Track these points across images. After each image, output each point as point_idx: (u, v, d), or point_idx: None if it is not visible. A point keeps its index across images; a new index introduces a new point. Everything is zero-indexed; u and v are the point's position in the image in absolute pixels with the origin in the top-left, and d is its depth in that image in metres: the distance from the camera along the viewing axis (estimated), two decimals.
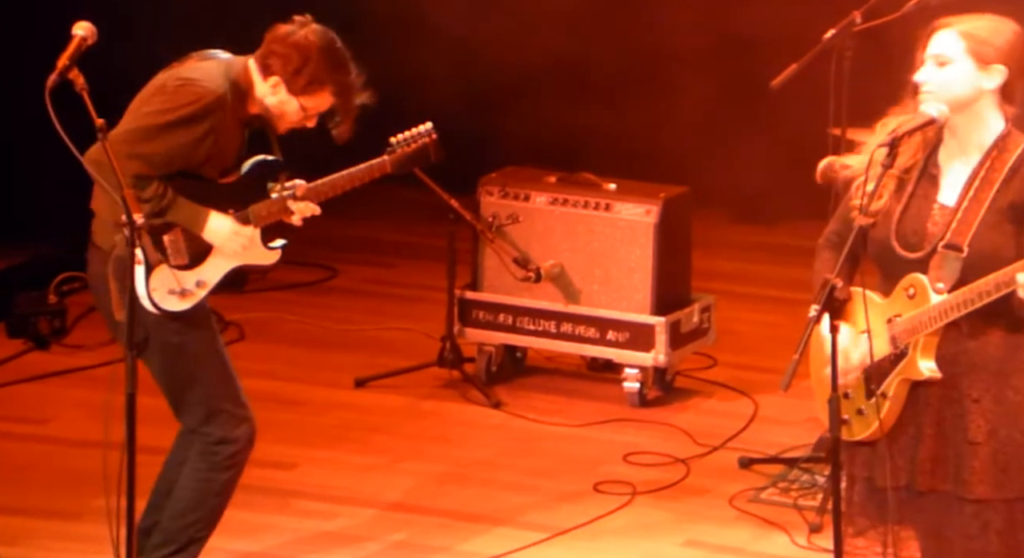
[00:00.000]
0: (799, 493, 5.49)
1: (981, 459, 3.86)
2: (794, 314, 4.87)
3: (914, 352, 3.90)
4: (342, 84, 4.63)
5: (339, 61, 4.63)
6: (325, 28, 4.66)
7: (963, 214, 3.86)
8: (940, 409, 3.90)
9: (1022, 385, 3.88)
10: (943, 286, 3.85)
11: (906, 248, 3.90)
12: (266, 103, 4.63)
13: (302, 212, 4.71)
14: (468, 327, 6.26)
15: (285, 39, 4.62)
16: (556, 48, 7.49)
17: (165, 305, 4.64)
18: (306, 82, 4.60)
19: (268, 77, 4.61)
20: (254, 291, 7.04)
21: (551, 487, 5.59)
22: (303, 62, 4.59)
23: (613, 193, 6.17)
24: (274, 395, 6.17)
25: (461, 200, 6.15)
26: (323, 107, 4.66)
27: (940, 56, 3.86)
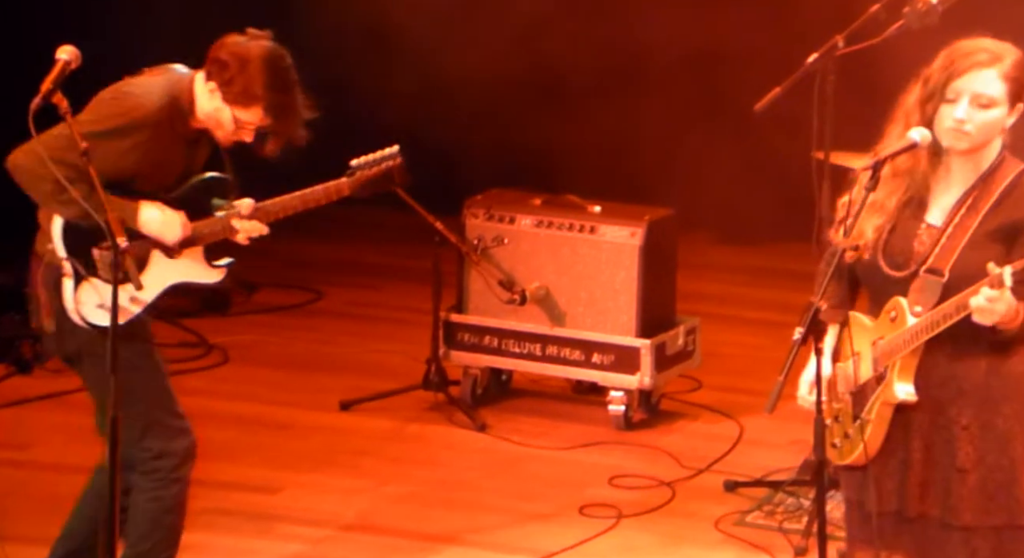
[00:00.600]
0: (784, 516, 5.48)
1: (969, 486, 3.87)
2: (779, 336, 4.87)
3: (891, 374, 3.91)
4: (276, 103, 4.48)
5: (279, 79, 4.49)
6: (278, 46, 4.54)
7: (948, 238, 3.87)
8: (929, 434, 3.91)
9: (1011, 412, 3.88)
10: (921, 309, 3.86)
11: (892, 267, 3.91)
12: (203, 109, 4.53)
13: (247, 231, 4.59)
14: (453, 350, 6.25)
15: (229, 46, 4.51)
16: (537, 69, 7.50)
17: (93, 319, 4.55)
18: (239, 92, 4.46)
19: (208, 82, 4.52)
20: (239, 314, 7.04)
21: (536, 510, 5.57)
22: (238, 71, 4.46)
23: (598, 215, 6.17)
24: (258, 418, 6.15)
25: (446, 222, 6.14)
26: (256, 122, 4.51)
27: (983, 97, 3.84)
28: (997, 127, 3.88)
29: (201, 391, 6.38)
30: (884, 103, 4.01)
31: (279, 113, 4.50)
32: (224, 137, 4.57)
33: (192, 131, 4.58)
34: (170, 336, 6.78)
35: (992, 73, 3.84)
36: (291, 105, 4.51)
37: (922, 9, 4.87)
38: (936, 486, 3.89)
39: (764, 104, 4.94)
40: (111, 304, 4.17)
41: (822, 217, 4.87)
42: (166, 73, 4.62)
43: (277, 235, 4.67)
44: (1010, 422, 3.87)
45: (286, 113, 4.51)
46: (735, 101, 5.89)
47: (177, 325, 6.85)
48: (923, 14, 4.87)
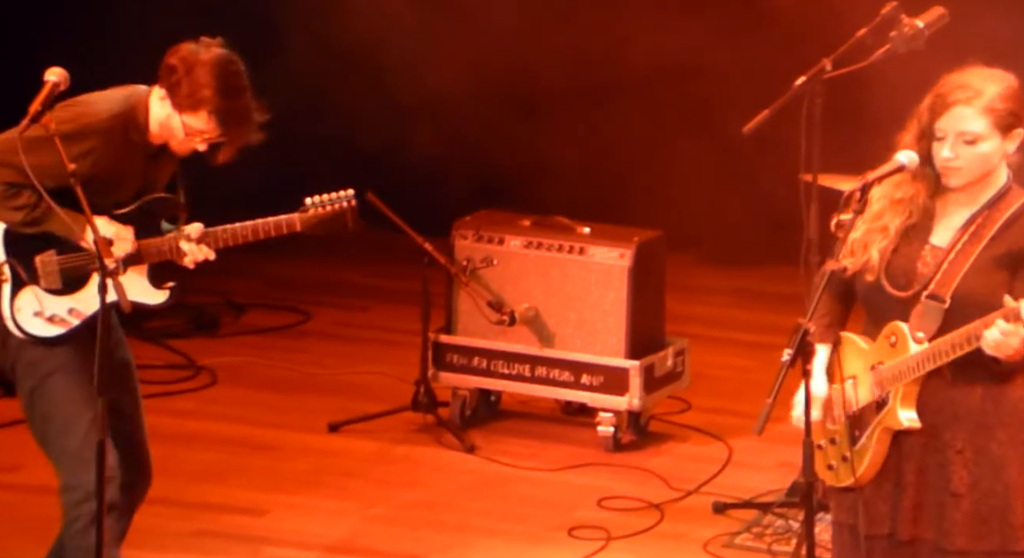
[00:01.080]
0: (773, 538, 5.48)
1: (962, 511, 3.87)
2: (767, 358, 4.87)
3: (894, 401, 3.91)
4: (222, 107, 4.40)
5: (225, 83, 4.41)
6: (229, 52, 4.47)
7: (951, 263, 3.87)
8: (923, 457, 3.91)
9: (1005, 438, 3.88)
10: (923, 336, 3.87)
11: (895, 287, 3.91)
12: (156, 118, 4.48)
13: (194, 255, 4.54)
14: (442, 371, 6.25)
15: (179, 52, 4.46)
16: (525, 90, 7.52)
17: (28, 327, 4.48)
18: (185, 95, 4.40)
19: (159, 89, 4.46)
20: (226, 335, 7.03)
21: (525, 532, 5.56)
22: (185, 74, 4.40)
23: (587, 237, 6.17)
24: (246, 440, 6.14)
25: (435, 243, 6.15)
26: (205, 128, 4.44)
27: (967, 134, 3.86)
28: (991, 159, 3.89)
29: (189, 412, 6.37)
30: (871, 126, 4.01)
31: (226, 117, 4.41)
32: (178, 147, 4.50)
33: (150, 146, 4.52)
34: (158, 357, 6.77)
35: (971, 110, 3.86)
36: (239, 110, 4.43)
37: (909, 33, 4.88)
38: (930, 510, 3.89)
39: (752, 127, 4.94)
40: (99, 327, 4.15)
41: (810, 239, 4.87)
42: (128, 88, 4.58)
43: (264, 256, 4.68)
44: (1004, 447, 3.88)
45: (234, 118, 4.42)
46: (724, 123, 5.90)
47: (165, 346, 6.84)
48: (910, 38, 4.89)
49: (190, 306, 7.07)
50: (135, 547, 5.07)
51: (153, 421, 6.16)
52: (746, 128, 4.97)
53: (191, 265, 4.56)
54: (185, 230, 4.54)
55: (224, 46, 4.47)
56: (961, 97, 3.87)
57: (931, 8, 5.00)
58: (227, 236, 4.55)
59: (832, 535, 4.05)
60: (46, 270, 4.49)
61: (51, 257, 4.50)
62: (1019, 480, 3.86)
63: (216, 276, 7.16)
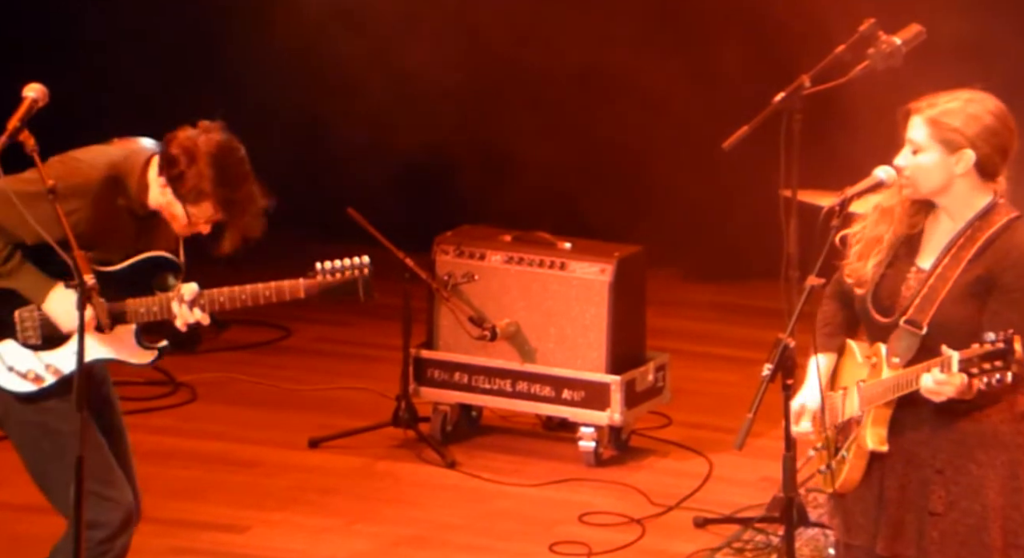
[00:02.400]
0: (754, 553, 5.48)
1: (940, 530, 3.88)
2: (748, 373, 4.88)
3: (866, 421, 3.92)
4: (227, 200, 4.37)
5: (229, 175, 4.38)
6: (229, 138, 4.42)
7: (930, 289, 3.87)
8: (904, 475, 3.92)
9: (985, 459, 3.89)
10: (898, 361, 3.88)
11: (880, 312, 3.93)
12: (156, 200, 4.43)
13: (184, 318, 4.44)
14: (423, 386, 6.24)
15: (179, 141, 4.39)
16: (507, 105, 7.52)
17: (2, 382, 4.41)
18: (188, 189, 4.37)
19: (159, 177, 4.41)
20: (207, 352, 7.01)
21: (507, 548, 5.56)
22: (187, 167, 4.36)
23: (568, 252, 6.18)
24: (227, 456, 6.13)
25: (416, 259, 6.14)
26: (211, 218, 4.41)
27: (912, 142, 3.89)
28: (932, 174, 3.88)
29: (169, 429, 6.36)
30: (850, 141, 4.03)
31: (230, 208, 4.38)
32: (180, 229, 4.47)
33: (146, 209, 4.46)
34: (138, 374, 6.74)
35: (919, 119, 3.89)
36: (242, 200, 4.38)
37: (886, 50, 4.91)
38: (909, 527, 3.90)
39: (732, 142, 4.96)
40: (78, 347, 4.12)
41: (790, 254, 4.88)
42: (128, 146, 4.49)
43: (244, 271, 4.64)
44: (984, 468, 3.88)
45: (238, 208, 4.38)
46: (704, 138, 5.91)
47: None
48: (887, 55, 4.91)
49: (170, 322, 7.04)
50: None
51: (133, 438, 6.13)
52: (726, 144, 4.99)
53: (183, 328, 4.47)
54: (180, 291, 4.45)
55: (224, 130, 4.42)
56: (916, 107, 3.90)
57: (909, 25, 5.02)
58: (223, 300, 4.45)
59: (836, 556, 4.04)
60: (24, 325, 4.42)
61: (32, 312, 4.43)
62: (997, 501, 3.87)
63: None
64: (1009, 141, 3.90)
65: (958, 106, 3.88)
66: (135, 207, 4.45)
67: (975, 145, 3.87)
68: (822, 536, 5.43)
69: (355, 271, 4.47)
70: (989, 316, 3.84)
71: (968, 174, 3.88)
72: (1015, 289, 3.83)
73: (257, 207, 4.41)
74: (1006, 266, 3.84)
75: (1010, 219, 3.89)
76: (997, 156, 3.89)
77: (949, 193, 3.91)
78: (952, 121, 3.87)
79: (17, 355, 4.43)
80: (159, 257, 4.49)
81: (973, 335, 3.82)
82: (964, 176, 3.88)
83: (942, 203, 3.93)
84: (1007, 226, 3.88)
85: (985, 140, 3.87)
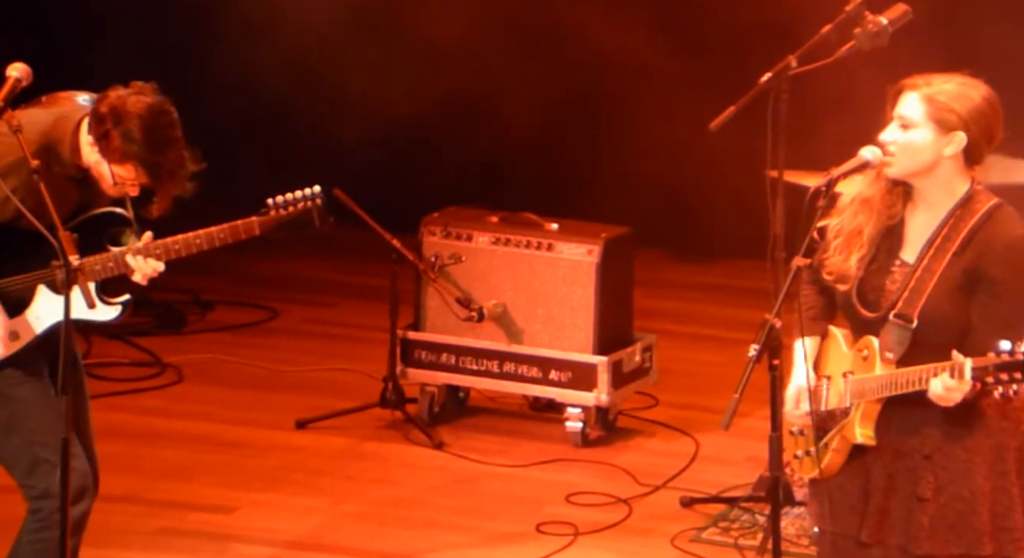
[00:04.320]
0: (740, 533, 5.49)
1: (928, 515, 3.88)
2: (734, 353, 4.89)
3: (855, 414, 3.92)
4: (151, 163, 4.28)
5: (155, 138, 4.28)
6: (162, 101, 4.32)
7: (917, 280, 3.86)
8: (892, 462, 3.92)
9: (973, 445, 3.89)
10: (891, 356, 3.88)
11: (865, 306, 3.92)
12: (87, 159, 4.35)
13: (141, 269, 4.35)
14: (410, 367, 6.24)
15: (110, 100, 4.30)
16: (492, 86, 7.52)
17: None
18: (113, 148, 4.27)
19: (88, 135, 4.31)
20: (193, 332, 7.01)
21: (493, 528, 5.57)
22: (113, 127, 4.26)
23: (555, 233, 6.18)
24: (213, 437, 6.13)
25: (403, 240, 6.14)
26: (136, 179, 4.32)
27: (904, 118, 3.87)
28: (921, 152, 3.87)
29: (155, 410, 6.35)
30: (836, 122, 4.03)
31: (154, 172, 4.28)
32: (108, 189, 4.39)
33: (79, 170, 4.38)
34: (124, 355, 6.75)
35: (915, 95, 3.88)
36: (167, 164, 4.29)
37: (872, 30, 4.90)
38: (897, 514, 3.90)
39: (719, 123, 4.95)
40: (63, 321, 4.11)
41: (776, 235, 4.88)
42: (60, 106, 4.40)
43: (231, 253, 4.62)
44: (972, 453, 3.89)
45: (162, 172, 4.28)
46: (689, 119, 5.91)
47: (131, 344, 6.82)
48: (874, 35, 4.90)
49: (156, 304, 7.05)
50: (100, 546, 5.06)
51: (119, 419, 6.17)
52: (712, 124, 4.98)
53: (143, 281, 4.39)
54: (134, 243, 4.39)
55: (156, 92, 4.32)
56: (912, 84, 3.89)
57: (895, 5, 5.02)
58: (179, 247, 4.37)
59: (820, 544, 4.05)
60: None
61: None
62: (985, 486, 3.88)
63: (183, 273, 7.14)
64: (997, 128, 3.91)
65: (955, 88, 3.88)
66: (71, 171, 4.38)
67: (968, 128, 3.86)
68: (807, 515, 5.44)
69: (307, 202, 4.42)
70: (978, 309, 3.83)
71: (955, 157, 3.88)
72: (1001, 281, 3.82)
73: (185, 172, 4.31)
74: (991, 259, 3.83)
75: (991, 207, 3.88)
76: (985, 142, 3.89)
77: (932, 175, 3.90)
78: (949, 101, 3.86)
79: None
80: (107, 213, 4.43)
81: (963, 329, 3.82)
82: (950, 158, 3.88)
83: (921, 187, 3.91)
84: (989, 215, 3.87)
85: (977, 124, 3.86)
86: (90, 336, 6.67)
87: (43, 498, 4.43)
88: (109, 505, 5.04)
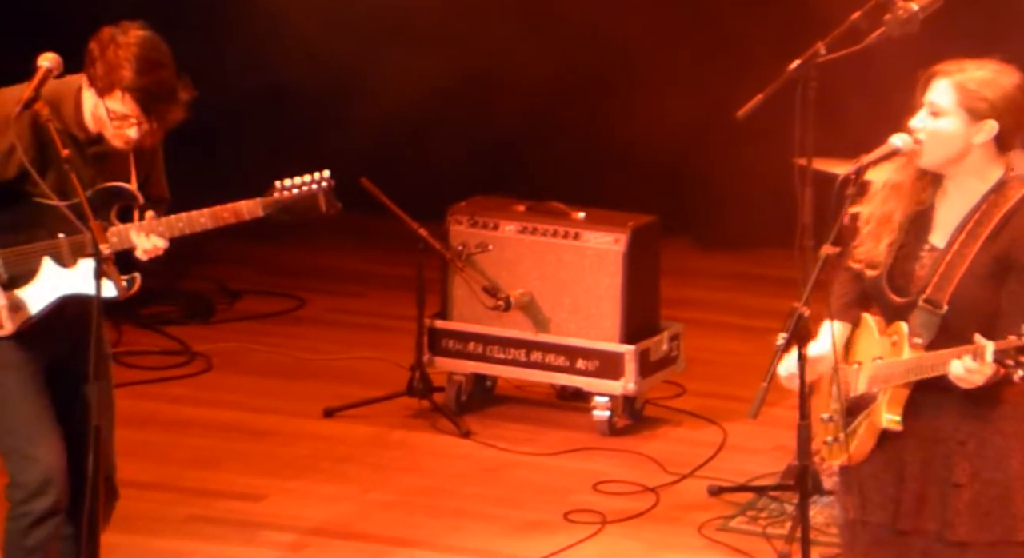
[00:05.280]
0: (768, 521, 5.49)
1: (964, 502, 3.87)
2: (762, 342, 4.87)
3: (882, 400, 3.92)
4: (137, 85, 4.17)
5: (141, 61, 4.19)
6: (151, 34, 4.26)
7: (947, 266, 3.85)
8: (927, 449, 3.91)
9: (1009, 430, 3.88)
10: (920, 341, 3.87)
11: (894, 290, 3.91)
12: (87, 110, 4.27)
13: (142, 246, 4.30)
14: (437, 356, 6.25)
15: (99, 35, 4.26)
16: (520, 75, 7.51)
17: None
18: (101, 76, 4.20)
19: (85, 75, 4.26)
20: (221, 321, 7.03)
21: (520, 516, 5.58)
22: (100, 55, 4.20)
23: (582, 222, 6.18)
24: (242, 426, 6.15)
25: (430, 229, 6.15)
26: (126, 111, 4.22)
27: (934, 105, 3.86)
28: (951, 141, 3.85)
29: (184, 399, 6.38)
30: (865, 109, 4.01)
31: (143, 96, 4.19)
32: (112, 138, 4.31)
33: (84, 131, 4.33)
34: (153, 343, 6.78)
35: (945, 82, 3.86)
36: (155, 86, 4.20)
37: (903, 16, 4.88)
38: (932, 501, 3.90)
39: (747, 111, 4.94)
40: (94, 310, 4.10)
41: (804, 223, 4.87)
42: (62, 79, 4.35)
43: (258, 242, 4.63)
44: (1008, 439, 3.88)
45: (151, 95, 4.19)
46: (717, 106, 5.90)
47: (160, 332, 6.85)
48: (904, 21, 4.88)
49: (185, 293, 7.08)
50: (130, 532, 5.09)
51: (149, 407, 6.20)
52: (740, 112, 4.97)
53: (144, 257, 4.34)
54: (137, 220, 4.35)
55: (144, 27, 4.27)
56: (943, 70, 3.87)
57: None
58: (182, 225, 4.31)
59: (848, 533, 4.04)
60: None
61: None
62: (1021, 471, 3.86)
63: (210, 263, 7.20)
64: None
65: (987, 75, 3.85)
66: (73, 130, 4.32)
67: (1000, 116, 3.85)
68: (837, 504, 5.43)
69: (314, 185, 4.35)
70: (1008, 295, 3.82)
71: (985, 145, 3.86)
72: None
73: (174, 97, 4.24)
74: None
75: None
76: (1017, 129, 3.87)
77: (962, 163, 3.89)
78: (980, 89, 3.84)
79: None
80: (115, 187, 4.38)
81: (993, 316, 3.81)
82: (981, 146, 3.87)
83: (952, 174, 3.90)
84: (1023, 202, 3.86)
85: (1010, 112, 3.85)
86: (120, 325, 6.71)
87: (12, 487, 4.38)
88: (139, 492, 5.07)
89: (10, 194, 4.33)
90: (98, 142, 4.37)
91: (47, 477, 4.35)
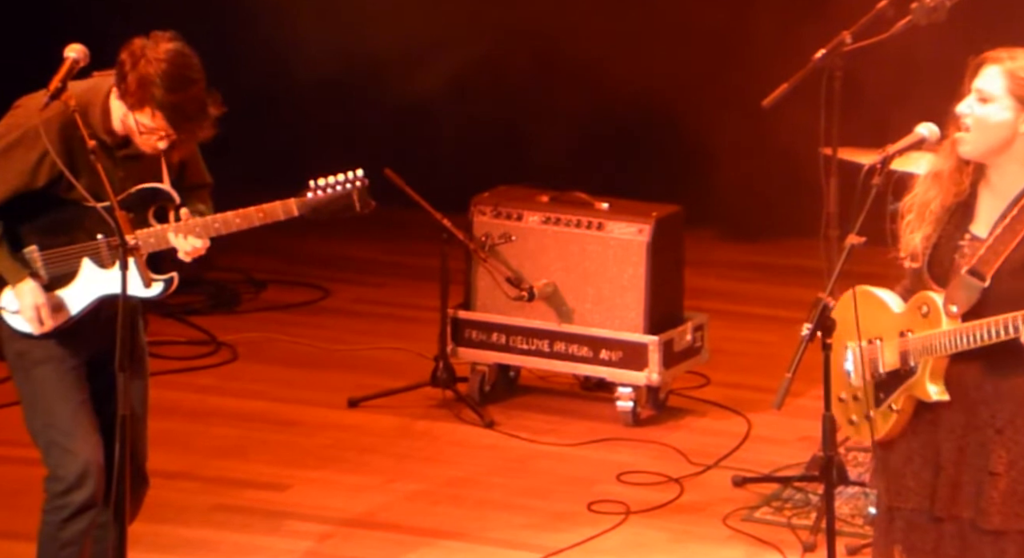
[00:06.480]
0: (792, 512, 5.49)
1: (1000, 490, 3.86)
2: (786, 332, 4.89)
3: (923, 372, 3.89)
4: (167, 102, 4.19)
5: (172, 78, 4.20)
6: (181, 47, 4.26)
7: (991, 246, 3.83)
8: (964, 436, 3.89)
9: None
10: (956, 310, 3.84)
11: (935, 281, 3.89)
12: (117, 117, 4.29)
13: (182, 247, 4.34)
14: (461, 346, 6.26)
15: (131, 47, 4.26)
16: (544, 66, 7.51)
17: (12, 322, 4.39)
18: (132, 92, 4.22)
19: (115, 88, 4.28)
20: (247, 312, 7.05)
21: (545, 507, 5.58)
22: (130, 69, 4.21)
23: (605, 212, 6.17)
24: (267, 415, 6.17)
25: (453, 219, 6.15)
26: (155, 126, 4.25)
27: (983, 91, 3.84)
28: (998, 129, 3.84)
29: (210, 388, 6.40)
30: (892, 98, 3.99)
31: (173, 113, 4.22)
32: (141, 145, 4.34)
33: (114, 136, 4.34)
34: (179, 333, 6.80)
35: (996, 69, 3.84)
36: (185, 104, 4.22)
37: (930, 5, 4.86)
38: (968, 488, 3.89)
39: (772, 100, 4.94)
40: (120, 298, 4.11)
41: (829, 213, 4.87)
42: (89, 81, 4.36)
43: (282, 233, 4.64)
44: None
45: (182, 113, 4.22)
46: (742, 96, 5.89)
47: (186, 322, 6.87)
48: (931, 10, 4.86)
49: (210, 283, 7.10)
50: (156, 522, 5.11)
51: (174, 397, 6.22)
52: (765, 102, 4.97)
53: (186, 258, 4.38)
54: (175, 221, 4.37)
55: (176, 39, 4.27)
56: (995, 57, 3.85)
57: None
58: (218, 225, 4.34)
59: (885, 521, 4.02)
60: (34, 263, 4.37)
61: (33, 253, 4.39)
62: None
63: (236, 253, 7.21)
64: None
65: None
66: (102, 136, 4.32)
67: None
68: (862, 495, 5.43)
69: (348, 184, 4.37)
70: None
71: None
72: None
73: (204, 114, 4.25)
74: None
75: None
76: None
77: (1008, 152, 3.86)
78: None
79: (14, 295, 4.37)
80: (152, 188, 4.40)
81: None
82: (1019, 134, 3.85)
83: (996, 164, 3.88)
84: None
85: None
86: (146, 315, 6.72)
87: (51, 480, 4.42)
88: (165, 481, 5.08)
89: (50, 199, 4.36)
90: (126, 146, 4.39)
91: (85, 470, 4.40)
